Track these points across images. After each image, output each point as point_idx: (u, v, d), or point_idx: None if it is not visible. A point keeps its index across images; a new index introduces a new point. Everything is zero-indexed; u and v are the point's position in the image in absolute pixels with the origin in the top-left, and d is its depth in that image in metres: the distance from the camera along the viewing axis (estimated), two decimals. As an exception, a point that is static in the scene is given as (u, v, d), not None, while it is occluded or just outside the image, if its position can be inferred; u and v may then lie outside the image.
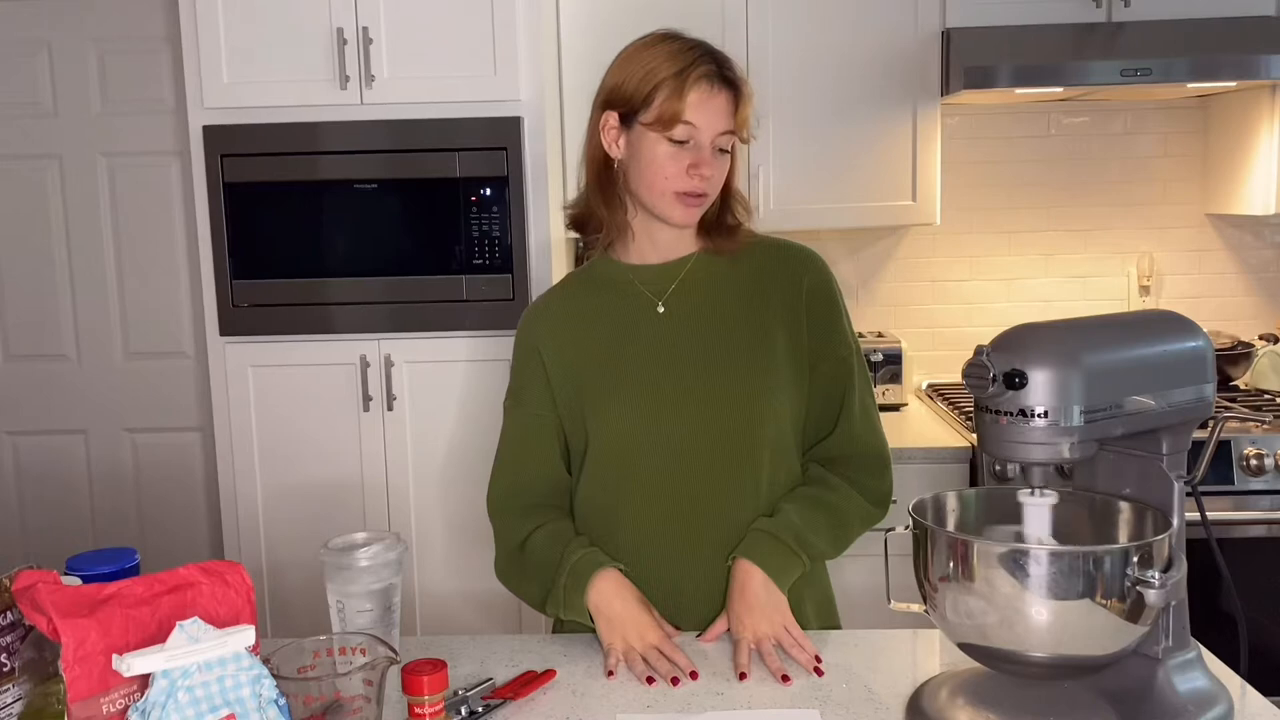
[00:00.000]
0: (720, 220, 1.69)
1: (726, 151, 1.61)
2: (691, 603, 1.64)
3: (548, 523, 1.68)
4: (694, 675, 1.47)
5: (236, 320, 2.81)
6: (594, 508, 1.69)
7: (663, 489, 1.64)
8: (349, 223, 2.77)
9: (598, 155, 1.66)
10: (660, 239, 1.68)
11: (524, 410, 1.73)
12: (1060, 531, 1.38)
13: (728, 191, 1.68)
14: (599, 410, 1.66)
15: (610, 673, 1.49)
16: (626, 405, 1.64)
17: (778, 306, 1.66)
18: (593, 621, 1.58)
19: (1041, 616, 1.21)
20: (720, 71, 1.58)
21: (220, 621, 1.20)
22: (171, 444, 3.40)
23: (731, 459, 1.62)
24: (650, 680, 1.46)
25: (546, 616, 1.67)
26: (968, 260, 3.44)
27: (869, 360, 3.14)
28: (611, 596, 1.57)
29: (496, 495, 1.76)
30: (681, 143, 1.58)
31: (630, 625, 1.54)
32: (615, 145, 1.64)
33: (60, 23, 3.27)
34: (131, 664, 1.09)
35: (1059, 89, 2.98)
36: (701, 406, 1.62)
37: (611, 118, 1.63)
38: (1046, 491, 1.30)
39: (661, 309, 1.67)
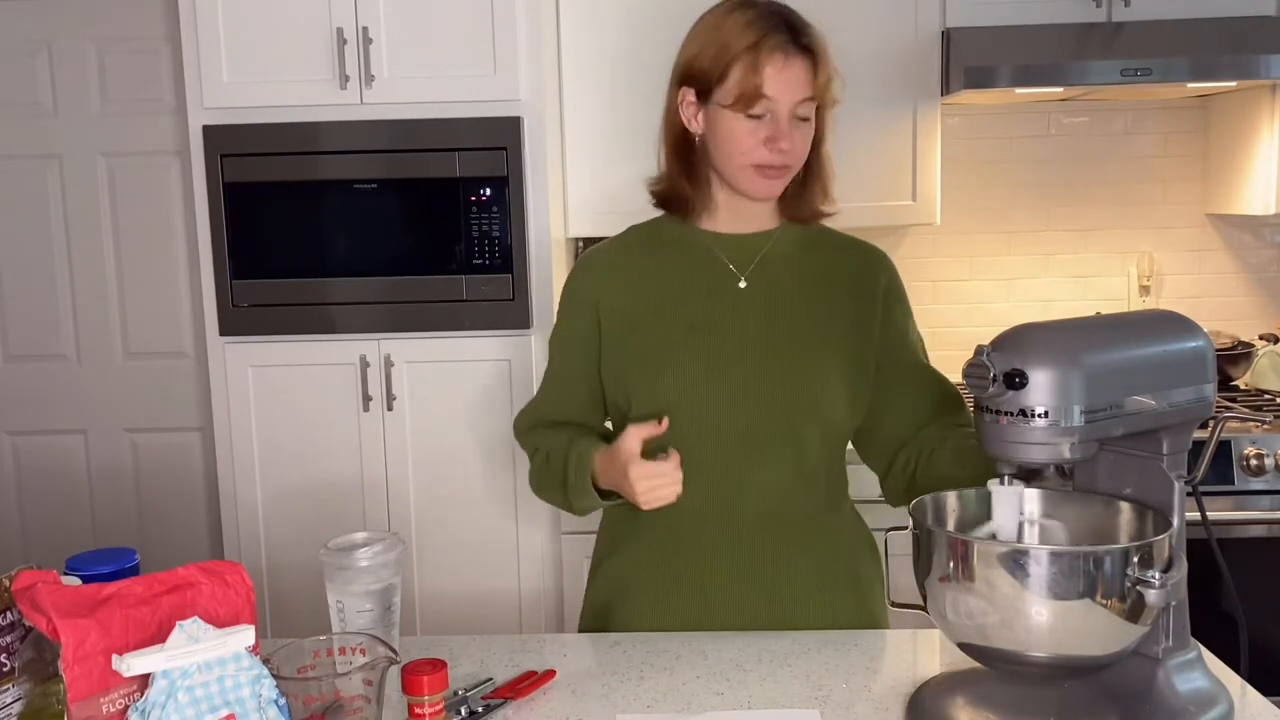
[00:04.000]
0: (803, 196, 1.67)
1: (807, 119, 1.58)
2: (726, 581, 1.64)
3: (567, 433, 1.70)
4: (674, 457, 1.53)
5: (236, 320, 2.81)
6: None
7: (704, 461, 1.62)
8: (349, 223, 2.77)
9: (677, 131, 1.64)
10: (744, 211, 1.67)
11: (565, 362, 1.73)
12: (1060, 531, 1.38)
13: (813, 171, 1.66)
14: (654, 370, 1.63)
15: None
16: (683, 369, 1.62)
17: (847, 300, 1.67)
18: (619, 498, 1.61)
19: (1041, 617, 1.20)
20: (795, 39, 1.54)
21: (220, 621, 1.20)
22: (171, 444, 3.38)
23: (779, 438, 1.62)
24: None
25: (576, 514, 1.71)
26: (968, 260, 3.44)
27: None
28: (607, 476, 1.59)
29: (522, 421, 1.79)
30: (759, 116, 1.55)
31: (628, 488, 1.54)
32: (694, 121, 1.62)
33: (60, 23, 3.26)
34: (131, 664, 1.10)
35: (1059, 89, 2.97)
36: (758, 381, 1.61)
37: (689, 94, 1.61)
38: (1015, 481, 1.31)
39: (744, 284, 1.66)
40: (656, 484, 1.52)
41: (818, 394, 1.62)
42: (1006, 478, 1.31)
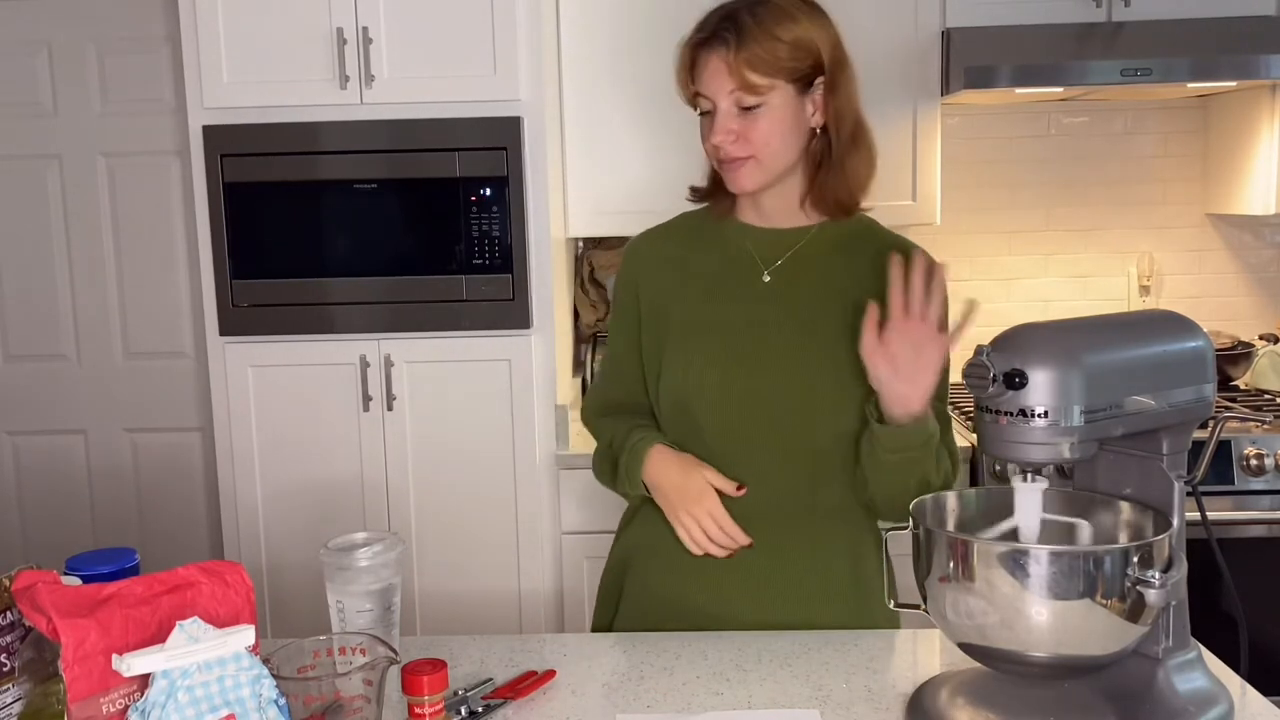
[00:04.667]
0: (824, 185, 1.64)
1: (752, 108, 1.56)
2: (741, 573, 1.65)
3: (629, 422, 1.73)
4: (749, 544, 1.61)
5: (236, 320, 2.80)
6: None
7: (715, 453, 1.64)
8: (349, 223, 2.77)
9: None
10: (767, 206, 1.68)
11: (618, 341, 1.78)
12: (1060, 530, 1.37)
13: (830, 159, 1.63)
14: (675, 361, 1.66)
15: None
16: (699, 361, 1.64)
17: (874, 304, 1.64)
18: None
19: (1041, 616, 1.20)
20: (708, 36, 1.57)
21: (220, 621, 1.19)
22: (171, 444, 3.38)
23: (790, 436, 1.62)
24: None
25: (629, 502, 1.78)
26: (968, 260, 3.42)
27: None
28: (659, 473, 1.64)
29: (589, 406, 1.86)
30: (707, 113, 1.60)
31: (678, 499, 1.61)
32: None
33: (60, 22, 3.25)
34: (131, 664, 1.09)
35: (1059, 89, 2.97)
36: (770, 378, 1.61)
37: None
38: (1039, 477, 1.30)
39: (767, 278, 1.66)
40: (706, 527, 1.59)
41: (829, 395, 1.60)
42: (1029, 474, 1.30)
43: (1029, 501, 1.31)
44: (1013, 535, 1.32)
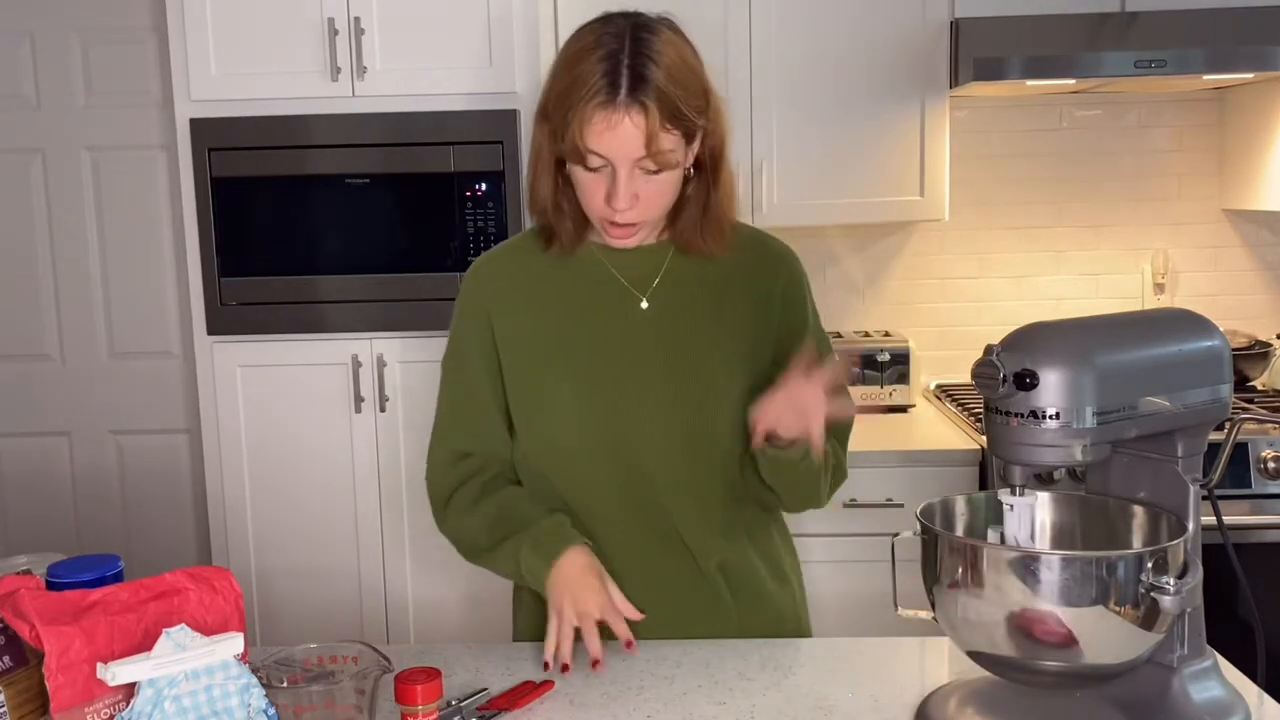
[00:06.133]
0: (689, 231, 1.58)
1: (656, 171, 1.46)
2: (646, 596, 1.59)
3: (498, 489, 1.63)
4: (630, 644, 1.50)
5: (224, 319, 2.79)
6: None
7: (610, 494, 1.59)
8: (340, 218, 2.75)
9: (549, 162, 1.54)
10: None
11: (469, 380, 1.64)
12: (1072, 536, 1.38)
13: (704, 210, 1.56)
14: (556, 398, 1.58)
15: (550, 666, 1.48)
16: (587, 398, 1.57)
17: (749, 308, 1.61)
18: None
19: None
20: (621, 95, 1.41)
21: (208, 629, 1.20)
22: (158, 446, 3.35)
23: (686, 464, 1.58)
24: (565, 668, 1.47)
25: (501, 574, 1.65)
26: (977, 257, 3.40)
27: (875, 360, 3.13)
28: (564, 577, 1.53)
29: (437, 461, 1.68)
30: (597, 170, 1.47)
31: (569, 589, 1.50)
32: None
33: (43, 13, 3.23)
34: (116, 673, 1.09)
35: (1071, 81, 2.95)
36: (665, 408, 1.57)
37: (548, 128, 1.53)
38: (1028, 492, 1.30)
39: (645, 305, 1.59)
40: (585, 625, 1.49)
41: (722, 423, 1.57)
42: (1018, 488, 1.29)
43: (1019, 517, 1.31)
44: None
